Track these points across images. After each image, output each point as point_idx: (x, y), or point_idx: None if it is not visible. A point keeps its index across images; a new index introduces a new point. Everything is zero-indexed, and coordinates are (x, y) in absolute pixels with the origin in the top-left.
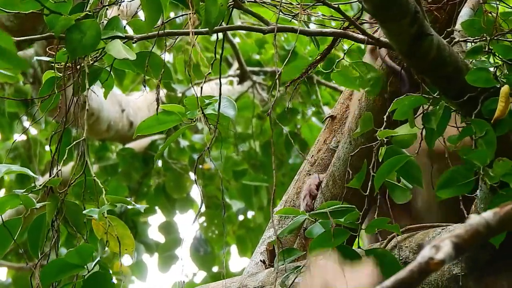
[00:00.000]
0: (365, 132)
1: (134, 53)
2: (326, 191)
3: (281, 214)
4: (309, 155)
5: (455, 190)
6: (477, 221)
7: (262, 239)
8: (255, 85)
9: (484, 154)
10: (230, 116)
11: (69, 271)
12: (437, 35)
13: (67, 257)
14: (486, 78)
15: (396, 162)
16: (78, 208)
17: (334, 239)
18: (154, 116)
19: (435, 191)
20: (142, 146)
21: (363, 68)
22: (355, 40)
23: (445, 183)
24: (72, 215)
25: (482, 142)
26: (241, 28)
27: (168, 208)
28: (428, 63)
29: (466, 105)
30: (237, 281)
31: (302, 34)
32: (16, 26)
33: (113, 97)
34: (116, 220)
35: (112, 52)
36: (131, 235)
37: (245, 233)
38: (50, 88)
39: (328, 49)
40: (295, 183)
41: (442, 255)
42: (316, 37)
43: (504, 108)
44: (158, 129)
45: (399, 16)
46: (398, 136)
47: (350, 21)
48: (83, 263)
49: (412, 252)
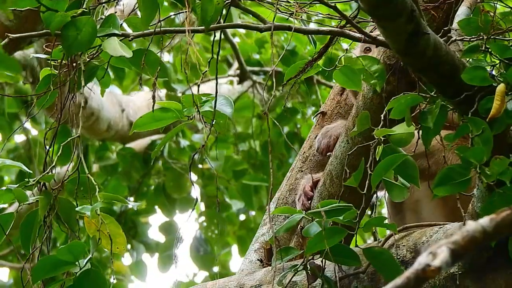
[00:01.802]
0: (362, 131)
1: (131, 51)
2: (323, 190)
3: (278, 213)
4: (301, 151)
5: (451, 188)
6: (473, 227)
7: (255, 237)
8: (255, 85)
9: (481, 152)
10: (227, 113)
11: (60, 268)
12: (434, 34)
13: (59, 254)
14: (482, 77)
15: (393, 161)
16: (71, 205)
17: (331, 238)
18: (151, 113)
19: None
20: (142, 146)
21: (367, 61)
22: (352, 39)
23: (441, 181)
24: (64, 211)
25: (479, 140)
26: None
27: (168, 208)
28: (424, 62)
29: (463, 103)
30: (235, 280)
31: (298, 32)
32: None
33: (113, 97)
34: (109, 218)
35: (109, 49)
36: (123, 234)
37: (246, 234)
38: (47, 85)
39: (325, 47)
40: (287, 180)
41: (438, 262)
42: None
43: (499, 107)
44: (155, 126)
45: (395, 14)
46: (395, 135)
47: (346, 19)
48: (75, 260)
49: (409, 251)
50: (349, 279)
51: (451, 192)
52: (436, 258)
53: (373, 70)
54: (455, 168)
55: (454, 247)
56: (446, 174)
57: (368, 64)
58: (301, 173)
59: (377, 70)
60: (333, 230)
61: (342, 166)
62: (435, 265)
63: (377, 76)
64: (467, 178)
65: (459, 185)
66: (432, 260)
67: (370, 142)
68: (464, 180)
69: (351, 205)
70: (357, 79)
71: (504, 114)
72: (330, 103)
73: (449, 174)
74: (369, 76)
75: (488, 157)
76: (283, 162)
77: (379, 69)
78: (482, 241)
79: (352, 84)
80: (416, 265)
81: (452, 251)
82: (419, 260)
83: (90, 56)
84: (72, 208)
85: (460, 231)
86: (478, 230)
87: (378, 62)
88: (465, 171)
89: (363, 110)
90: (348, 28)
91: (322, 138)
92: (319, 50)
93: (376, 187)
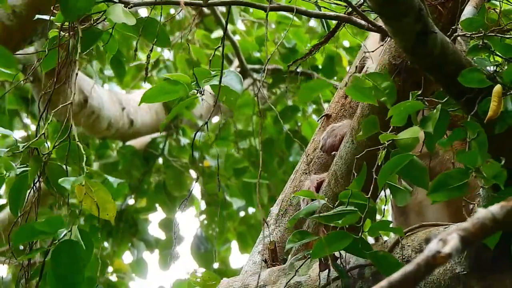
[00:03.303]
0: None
1: (134, 19)
2: (328, 190)
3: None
4: (305, 153)
5: (448, 194)
6: (483, 214)
7: (259, 238)
8: (255, 82)
9: (475, 156)
10: (236, 90)
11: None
12: (441, 33)
13: (36, 225)
14: (479, 79)
15: (399, 162)
16: (61, 170)
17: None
18: (160, 85)
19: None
20: (143, 144)
21: (377, 78)
22: (358, 26)
23: (436, 187)
24: (55, 177)
25: (475, 143)
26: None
27: (168, 206)
28: (432, 61)
29: (466, 105)
30: (239, 280)
31: (301, 14)
32: (16, 25)
33: (113, 96)
34: (97, 185)
35: (112, 16)
36: (113, 201)
37: (246, 230)
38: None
39: (332, 32)
40: (291, 182)
41: (449, 248)
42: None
43: (497, 108)
44: (164, 98)
45: (403, 13)
46: (401, 140)
47: (352, 7)
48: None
49: (415, 251)
50: (354, 279)
51: (448, 197)
52: (446, 245)
53: (383, 87)
54: (451, 174)
55: (464, 234)
56: (442, 180)
57: (378, 82)
58: (305, 175)
59: (387, 86)
60: (339, 235)
61: (347, 166)
62: (446, 251)
63: (388, 93)
64: (463, 182)
65: (455, 190)
66: (442, 247)
67: (378, 146)
68: (460, 185)
69: (356, 210)
70: (370, 93)
71: (505, 114)
72: (334, 105)
73: (445, 179)
74: (380, 93)
75: (483, 160)
76: (284, 160)
77: (389, 86)
78: (493, 229)
79: (366, 98)
80: (426, 251)
81: (462, 238)
82: (429, 247)
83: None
84: (62, 174)
85: (470, 218)
86: (488, 217)
87: (388, 79)
88: (462, 176)
89: (369, 112)
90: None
91: (328, 137)
92: (324, 36)
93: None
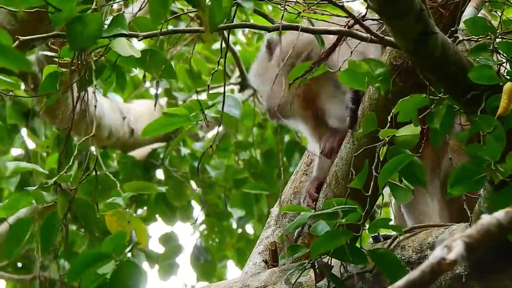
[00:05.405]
0: (368, 132)
1: (139, 51)
2: (329, 191)
3: (286, 210)
4: (305, 155)
5: (468, 187)
6: (488, 220)
7: (259, 239)
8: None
9: (494, 149)
10: (235, 115)
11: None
12: (442, 33)
13: (103, 247)
14: (489, 75)
15: (399, 162)
16: (89, 204)
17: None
18: (159, 119)
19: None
20: (143, 154)
21: (372, 64)
22: (359, 39)
23: (457, 180)
24: (82, 212)
25: (491, 137)
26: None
27: (168, 216)
28: (433, 62)
29: (471, 103)
30: (239, 281)
31: (306, 32)
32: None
33: (114, 105)
34: (130, 214)
35: (117, 48)
36: (144, 229)
37: (244, 245)
38: (51, 83)
39: (333, 47)
40: (291, 183)
41: (454, 255)
42: None
43: (507, 105)
44: (164, 131)
45: (402, 13)
46: (401, 137)
47: (354, 19)
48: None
49: (415, 252)
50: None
51: (468, 190)
52: (451, 251)
53: (377, 74)
54: (468, 167)
55: (469, 240)
56: (460, 173)
57: (373, 67)
58: (305, 176)
59: (381, 73)
60: (338, 232)
61: (348, 167)
62: (451, 258)
63: (382, 79)
64: (482, 175)
65: (475, 183)
66: (447, 254)
67: (376, 144)
68: (479, 178)
69: (356, 207)
70: (361, 79)
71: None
72: None
73: (463, 173)
74: (373, 79)
75: (501, 154)
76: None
77: (383, 73)
78: (497, 235)
79: (357, 84)
80: (431, 258)
81: (467, 245)
82: (434, 253)
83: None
84: (89, 207)
85: (475, 224)
86: (493, 223)
87: (383, 65)
88: (478, 169)
89: (369, 111)
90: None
91: (326, 141)
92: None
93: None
